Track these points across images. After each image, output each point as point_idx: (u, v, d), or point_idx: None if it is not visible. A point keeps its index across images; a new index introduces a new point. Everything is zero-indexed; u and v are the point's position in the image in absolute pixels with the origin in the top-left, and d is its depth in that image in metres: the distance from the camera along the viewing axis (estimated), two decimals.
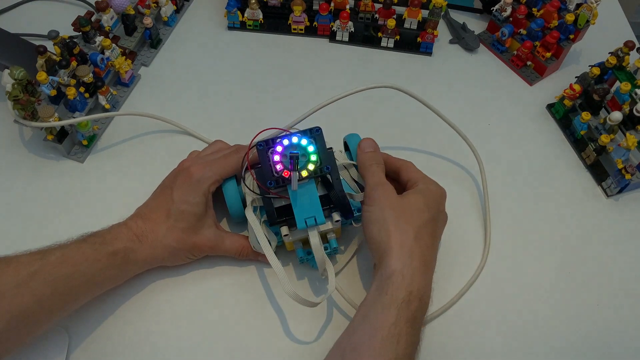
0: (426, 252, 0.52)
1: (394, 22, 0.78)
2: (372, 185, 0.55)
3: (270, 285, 0.60)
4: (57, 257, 0.50)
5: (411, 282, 0.49)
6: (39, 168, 0.67)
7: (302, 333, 0.57)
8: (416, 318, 0.48)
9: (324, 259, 0.55)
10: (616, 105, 0.69)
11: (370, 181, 0.55)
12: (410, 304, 0.48)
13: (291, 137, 0.54)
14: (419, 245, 0.51)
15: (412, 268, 0.49)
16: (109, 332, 0.56)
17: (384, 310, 0.48)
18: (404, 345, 0.46)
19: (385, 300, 0.48)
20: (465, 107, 0.76)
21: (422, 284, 0.50)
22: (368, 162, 0.57)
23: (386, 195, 0.54)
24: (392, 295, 0.48)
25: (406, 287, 0.48)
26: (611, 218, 0.67)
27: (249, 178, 0.57)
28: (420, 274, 0.50)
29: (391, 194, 0.54)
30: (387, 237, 0.51)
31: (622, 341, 0.58)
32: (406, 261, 0.50)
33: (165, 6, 0.80)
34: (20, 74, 0.60)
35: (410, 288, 0.49)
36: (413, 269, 0.49)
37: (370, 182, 0.55)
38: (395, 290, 0.48)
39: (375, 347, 0.46)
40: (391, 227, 0.51)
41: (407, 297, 0.48)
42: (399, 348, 0.46)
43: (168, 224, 0.55)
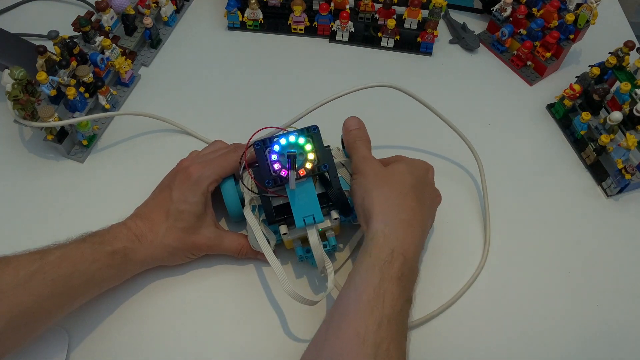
0: (410, 212, 0.52)
1: (394, 22, 0.78)
2: (358, 159, 0.56)
3: (269, 284, 0.60)
4: (57, 257, 0.50)
5: (393, 240, 0.49)
6: (39, 168, 0.67)
7: (302, 331, 0.57)
8: (402, 275, 0.48)
9: (323, 257, 0.55)
10: (616, 105, 0.69)
11: (355, 156, 0.56)
12: (394, 261, 0.48)
13: (288, 136, 0.54)
14: (402, 206, 0.52)
15: (393, 226, 0.50)
16: (109, 332, 0.56)
17: (368, 271, 0.48)
18: (390, 304, 0.46)
19: (369, 261, 0.49)
20: (465, 107, 0.76)
21: (405, 241, 0.50)
22: (352, 139, 0.58)
23: (371, 166, 0.55)
24: (375, 255, 0.49)
25: (388, 245, 0.49)
26: (611, 218, 0.67)
27: (247, 177, 0.57)
28: (402, 231, 0.50)
29: (376, 165, 0.55)
30: (371, 202, 0.52)
31: (622, 341, 0.58)
32: (388, 221, 0.50)
33: (165, 6, 0.80)
34: (20, 74, 0.60)
35: (392, 246, 0.49)
36: (394, 227, 0.50)
37: (356, 157, 0.56)
38: (377, 250, 0.49)
39: (361, 309, 0.46)
40: (374, 193, 0.52)
41: (389, 256, 0.48)
42: (385, 307, 0.46)
43: (167, 224, 0.55)
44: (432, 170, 0.59)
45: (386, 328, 0.45)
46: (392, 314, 0.46)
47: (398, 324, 0.47)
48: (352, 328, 0.45)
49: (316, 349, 0.48)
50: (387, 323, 0.45)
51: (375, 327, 0.45)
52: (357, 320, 0.46)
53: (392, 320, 0.46)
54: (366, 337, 0.44)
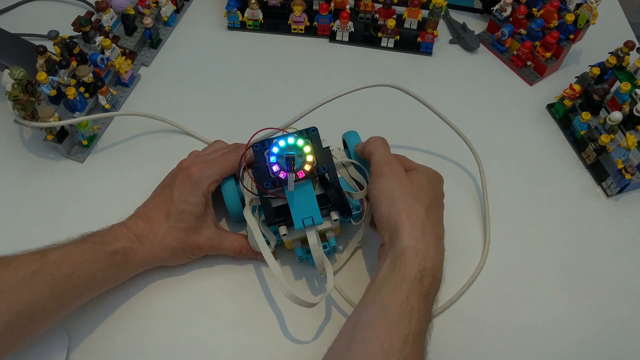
0: (436, 228, 0.51)
1: (394, 22, 0.78)
2: (380, 160, 0.54)
3: (269, 285, 0.60)
4: (57, 257, 0.50)
5: (424, 259, 0.48)
6: (39, 168, 0.67)
7: (301, 332, 0.57)
8: (429, 294, 0.48)
9: (323, 258, 0.55)
10: (616, 105, 0.69)
11: (377, 157, 0.55)
12: (423, 280, 0.48)
13: (287, 138, 0.54)
14: (430, 222, 0.51)
15: (424, 244, 0.49)
16: (109, 332, 0.56)
17: (396, 286, 0.47)
18: (416, 322, 0.46)
19: (398, 276, 0.48)
20: (465, 107, 0.76)
21: (435, 261, 0.49)
22: (372, 140, 0.57)
23: (394, 171, 0.53)
24: (405, 271, 0.48)
25: (419, 263, 0.48)
26: (611, 218, 0.67)
27: (247, 178, 0.57)
28: (433, 250, 0.49)
29: (399, 170, 0.54)
30: (398, 214, 0.50)
31: (622, 341, 0.58)
32: (419, 237, 0.49)
33: (165, 6, 0.80)
34: (20, 74, 0.60)
35: (423, 264, 0.48)
36: (426, 245, 0.49)
37: (378, 158, 0.55)
38: (407, 266, 0.48)
39: (387, 323, 0.45)
40: (401, 204, 0.51)
41: (419, 274, 0.48)
42: (411, 324, 0.45)
43: (168, 224, 0.55)
44: (443, 181, 0.58)
45: (411, 346, 0.45)
46: (417, 332, 0.46)
47: (422, 343, 0.46)
48: (377, 341, 0.45)
49: (337, 358, 0.47)
50: (413, 341, 0.45)
51: (401, 343, 0.44)
52: (382, 334, 0.45)
53: (417, 339, 0.46)
54: (390, 352, 0.44)
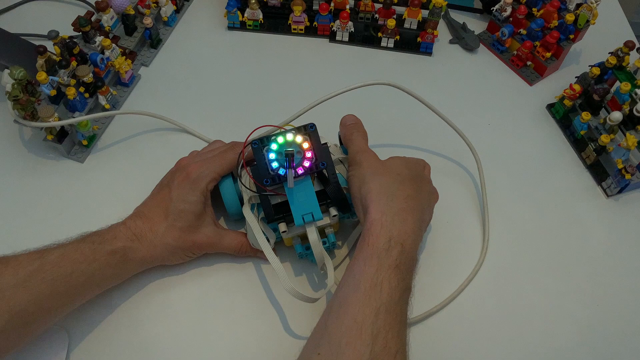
0: (407, 201, 0.52)
1: (394, 22, 0.78)
2: (354, 151, 0.56)
3: (269, 282, 0.60)
4: (56, 257, 0.50)
5: (390, 229, 0.49)
6: (39, 168, 0.67)
7: (302, 328, 0.57)
8: (400, 264, 0.48)
9: (323, 254, 0.55)
10: (616, 105, 0.69)
11: (352, 148, 0.57)
12: (391, 250, 0.48)
13: (286, 134, 0.54)
14: (399, 196, 0.52)
15: (390, 215, 0.50)
16: (109, 332, 0.56)
17: (366, 260, 0.48)
18: (387, 292, 0.46)
19: (367, 251, 0.49)
20: (465, 107, 0.76)
21: (402, 230, 0.50)
22: (349, 131, 0.59)
23: (367, 158, 0.55)
24: (373, 245, 0.49)
25: (385, 234, 0.49)
26: (611, 218, 0.67)
27: (246, 176, 0.57)
28: (399, 220, 0.50)
29: (373, 157, 0.56)
30: (367, 192, 0.52)
31: (622, 341, 0.58)
32: (384, 210, 0.50)
33: (165, 6, 0.80)
34: (20, 74, 0.60)
35: (389, 234, 0.49)
36: (392, 216, 0.50)
37: (352, 149, 0.57)
38: (375, 239, 0.49)
39: (359, 299, 0.46)
40: (371, 184, 0.52)
41: (386, 244, 0.48)
42: (382, 296, 0.46)
43: (167, 223, 0.56)
44: (429, 167, 0.59)
45: (384, 316, 0.45)
46: (390, 303, 0.46)
47: (397, 312, 0.47)
48: (351, 316, 0.46)
49: (316, 338, 0.48)
50: (385, 311, 0.46)
51: (373, 315, 0.45)
52: (355, 309, 0.46)
53: (391, 309, 0.46)
54: (364, 326, 0.45)
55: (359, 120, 0.60)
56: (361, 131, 0.59)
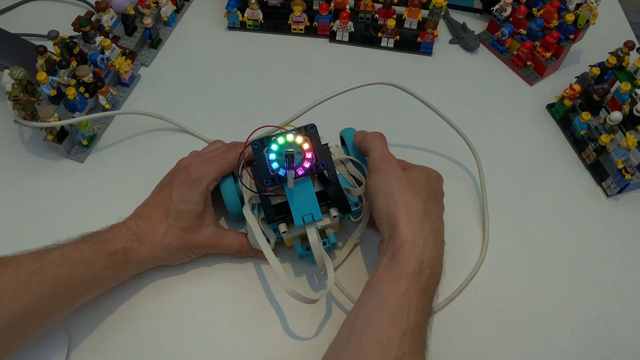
0: (436, 222, 0.51)
1: (394, 22, 0.78)
2: (378, 157, 0.55)
3: (269, 282, 0.60)
4: (57, 257, 0.50)
5: (422, 252, 0.48)
6: (39, 168, 0.67)
7: (302, 329, 0.57)
8: (428, 288, 0.48)
9: (323, 254, 0.55)
10: (616, 105, 0.69)
11: (375, 153, 0.55)
12: (422, 273, 0.47)
13: (286, 135, 0.54)
14: (428, 216, 0.51)
15: (422, 237, 0.49)
16: (109, 332, 0.56)
17: (394, 281, 0.47)
18: (414, 316, 0.46)
19: (396, 270, 0.47)
20: (465, 107, 0.76)
21: (433, 254, 0.49)
22: (371, 135, 0.57)
23: (392, 167, 0.53)
24: (403, 265, 0.47)
25: (417, 256, 0.48)
26: (611, 218, 0.67)
27: (246, 176, 0.57)
28: (431, 243, 0.49)
29: (397, 166, 0.54)
30: (396, 208, 0.50)
31: (622, 341, 0.58)
32: (417, 230, 0.49)
33: (165, 6, 0.80)
34: (20, 74, 0.60)
35: (421, 258, 0.48)
36: (424, 238, 0.49)
37: (376, 155, 0.55)
38: (406, 260, 0.48)
39: (385, 318, 0.45)
40: (399, 198, 0.51)
41: (417, 267, 0.47)
42: (409, 318, 0.45)
43: (167, 224, 0.55)
44: (443, 180, 0.58)
45: (409, 340, 0.45)
46: (415, 326, 0.45)
47: (422, 337, 0.46)
48: (375, 337, 0.45)
49: (337, 354, 0.47)
50: (411, 335, 0.45)
51: (399, 338, 0.44)
52: (380, 329, 0.45)
53: (416, 333, 0.45)
54: (388, 348, 0.44)
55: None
56: (382, 137, 0.57)
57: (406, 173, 0.54)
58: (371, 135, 0.57)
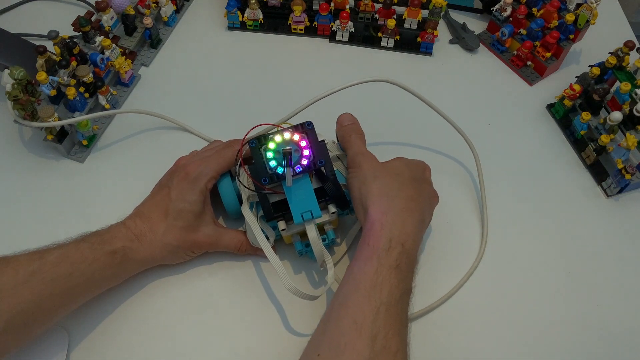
0: (408, 201, 0.52)
1: (394, 22, 0.78)
2: (353, 153, 0.56)
3: (270, 280, 0.60)
4: (56, 257, 0.50)
5: (391, 229, 0.49)
6: (39, 168, 0.67)
7: (303, 326, 0.57)
8: (400, 264, 0.48)
9: (322, 251, 0.55)
10: (616, 105, 0.69)
11: (351, 151, 0.57)
12: (391, 250, 0.48)
13: (283, 133, 0.54)
14: (401, 197, 0.52)
15: (391, 216, 0.50)
16: (109, 331, 0.56)
17: (366, 260, 0.48)
18: (387, 293, 0.46)
19: (367, 251, 0.49)
20: (465, 107, 0.76)
21: (403, 230, 0.50)
22: (347, 133, 0.58)
23: (367, 160, 0.55)
24: (373, 245, 0.49)
25: (386, 234, 0.49)
26: (611, 218, 0.67)
27: (244, 174, 0.57)
28: (400, 220, 0.50)
29: (371, 159, 0.55)
30: (368, 193, 0.52)
31: (622, 341, 0.58)
32: (385, 210, 0.50)
33: (165, 6, 0.80)
34: (20, 74, 0.60)
35: (390, 235, 0.49)
36: (393, 216, 0.50)
37: (351, 151, 0.57)
38: (375, 239, 0.49)
39: (359, 299, 0.46)
40: (371, 185, 0.52)
41: (387, 245, 0.48)
42: (382, 296, 0.46)
43: (166, 223, 0.56)
44: (429, 169, 0.59)
45: (384, 317, 0.45)
46: (390, 303, 0.46)
47: (397, 312, 0.47)
48: (350, 317, 0.46)
49: (316, 339, 0.48)
50: (385, 312, 0.45)
51: (373, 316, 0.45)
52: (355, 309, 0.46)
53: (391, 309, 0.46)
54: (364, 327, 0.45)
55: (355, 120, 0.60)
56: (359, 132, 0.59)
57: (384, 163, 0.56)
58: (347, 135, 0.58)
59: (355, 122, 0.60)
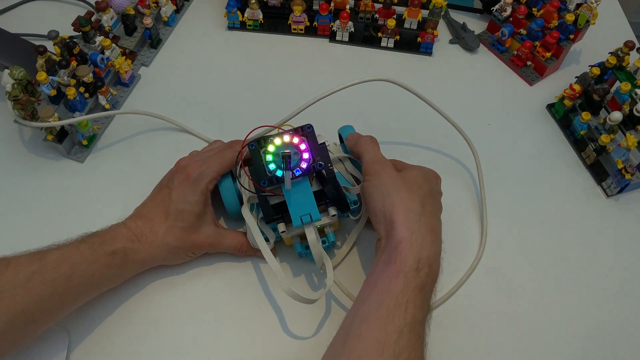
0: (432, 220, 0.51)
1: (394, 22, 0.78)
2: (370, 160, 0.55)
3: (269, 281, 0.60)
4: (56, 258, 0.50)
5: (420, 250, 0.48)
6: (39, 168, 0.67)
7: (302, 328, 0.57)
8: (425, 285, 0.48)
9: (322, 253, 0.55)
10: (616, 105, 0.69)
11: (367, 157, 0.56)
12: (419, 271, 0.48)
13: (283, 136, 0.54)
14: (425, 214, 0.51)
15: (420, 235, 0.49)
16: (109, 332, 0.56)
17: (392, 278, 0.47)
18: (412, 313, 0.46)
19: (394, 269, 0.48)
20: (465, 107, 0.76)
21: (431, 251, 0.49)
22: (362, 140, 0.57)
23: (385, 169, 0.54)
24: (400, 263, 0.48)
25: (414, 254, 0.48)
26: (611, 218, 0.67)
27: (244, 176, 0.57)
28: (429, 241, 0.49)
29: (390, 168, 0.54)
30: (392, 207, 0.50)
31: (622, 341, 0.58)
32: (413, 228, 0.49)
33: (165, 6, 0.80)
34: (20, 74, 0.60)
35: (418, 255, 0.48)
36: (422, 236, 0.49)
37: (367, 158, 0.55)
38: (403, 258, 0.48)
39: (382, 316, 0.45)
40: (395, 198, 0.51)
41: (415, 265, 0.48)
42: (407, 316, 0.45)
43: (167, 224, 0.56)
44: (440, 179, 0.58)
45: (407, 337, 0.45)
46: (413, 324, 0.46)
47: (420, 333, 0.46)
48: (373, 335, 0.45)
49: (335, 353, 0.47)
50: (409, 332, 0.45)
51: (396, 335, 0.44)
52: (378, 327, 0.45)
53: (414, 330, 0.45)
54: (386, 345, 0.44)
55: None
56: (374, 141, 0.58)
57: (402, 173, 0.54)
58: (362, 140, 0.57)
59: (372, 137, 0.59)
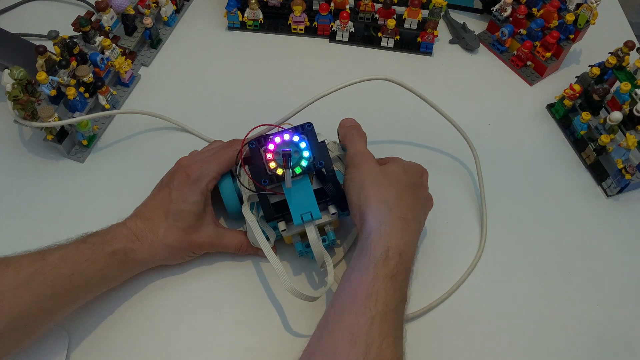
0: (406, 210, 0.52)
1: (394, 22, 0.78)
2: (353, 152, 0.56)
3: (270, 280, 0.60)
4: (57, 258, 0.50)
5: (389, 239, 0.49)
6: (39, 168, 0.67)
7: (303, 326, 0.57)
8: (397, 274, 0.48)
9: (322, 252, 0.55)
10: (616, 105, 0.69)
11: (351, 149, 0.56)
12: (389, 260, 0.48)
13: (283, 134, 0.54)
14: (398, 205, 0.51)
15: (390, 225, 0.50)
16: (109, 332, 0.56)
17: (363, 269, 0.48)
18: (382, 302, 0.46)
19: (364, 260, 0.48)
20: (465, 107, 0.76)
21: (401, 240, 0.50)
22: (349, 132, 0.58)
23: (366, 161, 0.55)
24: (370, 254, 0.48)
25: (383, 243, 0.49)
26: (611, 218, 0.67)
27: (244, 175, 0.57)
28: (398, 230, 0.50)
29: (371, 161, 0.55)
30: (366, 199, 0.51)
31: (622, 341, 0.58)
32: (384, 219, 0.50)
33: (165, 6, 0.80)
34: (20, 74, 0.60)
35: (387, 244, 0.49)
36: (391, 225, 0.50)
37: (351, 150, 0.56)
38: (373, 248, 0.49)
39: (355, 308, 0.46)
40: (370, 190, 0.52)
41: (384, 254, 0.48)
42: (378, 305, 0.46)
43: (167, 224, 0.55)
44: (427, 173, 0.59)
45: (379, 326, 0.45)
46: (385, 312, 0.46)
47: (392, 321, 0.46)
48: (345, 327, 0.45)
49: (311, 347, 0.48)
50: (380, 321, 0.45)
51: (367, 326, 0.45)
52: (350, 319, 0.46)
53: (385, 318, 0.46)
54: (358, 336, 0.44)
55: (357, 123, 0.60)
56: (361, 132, 0.59)
57: (382, 167, 0.55)
58: (349, 132, 0.58)
59: (357, 124, 0.60)
